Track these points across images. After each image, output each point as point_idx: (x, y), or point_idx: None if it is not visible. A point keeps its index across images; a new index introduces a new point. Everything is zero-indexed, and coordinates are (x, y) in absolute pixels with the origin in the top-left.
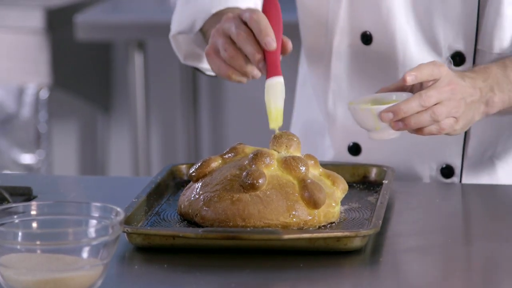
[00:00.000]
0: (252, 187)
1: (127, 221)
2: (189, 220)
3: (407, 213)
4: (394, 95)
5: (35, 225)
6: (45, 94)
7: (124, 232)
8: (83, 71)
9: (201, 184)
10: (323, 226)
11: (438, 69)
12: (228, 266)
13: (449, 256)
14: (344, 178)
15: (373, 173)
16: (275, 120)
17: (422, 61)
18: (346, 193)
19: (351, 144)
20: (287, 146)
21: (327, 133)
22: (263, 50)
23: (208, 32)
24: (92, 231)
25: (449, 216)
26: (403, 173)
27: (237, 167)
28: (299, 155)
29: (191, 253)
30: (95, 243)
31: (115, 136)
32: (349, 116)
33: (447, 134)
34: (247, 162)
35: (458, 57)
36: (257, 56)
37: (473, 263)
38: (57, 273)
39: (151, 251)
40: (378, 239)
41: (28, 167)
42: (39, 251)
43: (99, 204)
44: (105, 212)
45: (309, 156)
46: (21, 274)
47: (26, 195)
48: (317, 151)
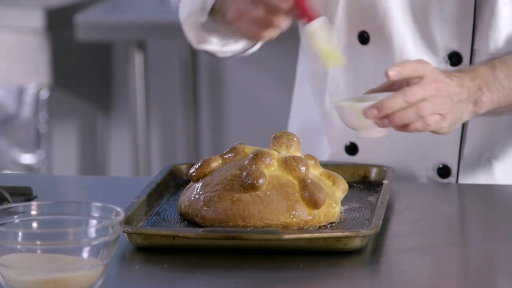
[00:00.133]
0: (252, 187)
1: (127, 221)
2: (189, 220)
3: (407, 213)
4: (380, 96)
5: (35, 225)
6: (45, 94)
7: (124, 232)
8: (83, 71)
9: (201, 184)
10: (323, 226)
11: (422, 66)
12: (228, 266)
13: (450, 256)
14: (344, 178)
15: (373, 173)
16: (333, 59)
17: None
18: (346, 193)
19: (348, 143)
20: (287, 146)
21: (324, 133)
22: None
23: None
24: (92, 231)
25: (449, 216)
26: (400, 172)
27: (237, 167)
28: (299, 155)
29: (191, 253)
30: (95, 243)
31: (115, 136)
32: None
33: (435, 132)
34: (247, 162)
35: (455, 57)
36: (285, 4)
37: (473, 263)
38: (57, 273)
39: (151, 251)
40: (378, 239)
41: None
42: (39, 251)
43: (99, 204)
44: (105, 212)
45: (309, 156)
46: (21, 274)
47: (26, 195)
48: (314, 151)
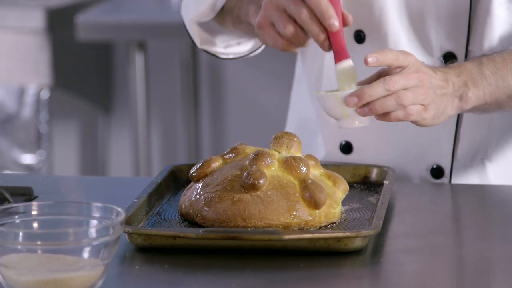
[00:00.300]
0: (253, 187)
1: (128, 222)
2: (190, 220)
3: (408, 213)
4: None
5: (35, 225)
6: (45, 94)
7: (125, 232)
8: (84, 71)
9: (201, 184)
10: (324, 226)
11: (404, 56)
12: (228, 266)
13: (450, 256)
14: (345, 178)
15: (374, 174)
16: None
17: None
18: (347, 193)
19: (343, 142)
20: (288, 146)
21: (319, 132)
22: (326, 29)
23: (234, 9)
24: (93, 232)
25: (449, 216)
26: None
27: (238, 167)
28: (300, 155)
29: (191, 253)
30: (96, 243)
31: (116, 136)
32: None
33: (419, 124)
34: (248, 162)
35: (449, 57)
36: (322, 36)
37: (474, 264)
38: (58, 274)
39: (151, 252)
40: (378, 240)
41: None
42: (39, 251)
43: (99, 204)
44: (105, 212)
45: (310, 156)
46: (22, 274)
47: (27, 195)
48: (310, 150)
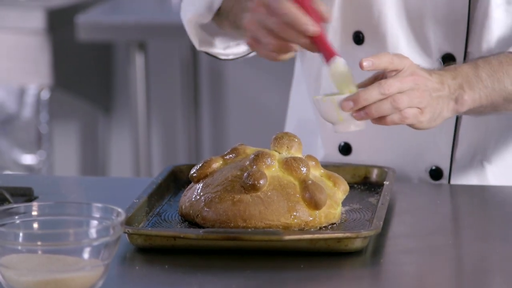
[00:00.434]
0: (253, 188)
1: (128, 222)
2: (190, 221)
3: (408, 214)
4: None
5: (36, 225)
6: (46, 94)
7: (125, 232)
8: (84, 71)
9: (202, 185)
10: (324, 227)
11: (399, 60)
12: (229, 267)
13: (450, 257)
14: (345, 179)
15: (374, 174)
16: None
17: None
18: (347, 194)
19: (342, 143)
20: (288, 147)
21: (319, 133)
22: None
23: (232, 11)
24: (93, 232)
25: (450, 217)
26: None
27: (238, 168)
28: (300, 156)
29: (192, 254)
30: (96, 243)
31: (116, 136)
32: None
33: (415, 127)
34: (248, 163)
35: (448, 58)
36: (302, 40)
37: (474, 264)
38: (58, 274)
39: (152, 252)
40: (379, 240)
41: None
42: (40, 252)
43: (100, 204)
44: (106, 212)
45: (310, 157)
46: (22, 274)
47: (27, 195)
48: (310, 151)
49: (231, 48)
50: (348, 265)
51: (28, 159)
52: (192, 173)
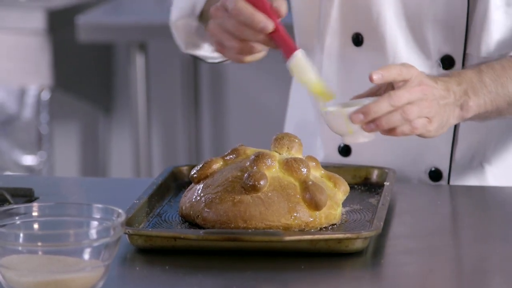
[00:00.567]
0: (253, 188)
1: (129, 223)
2: (190, 221)
3: (408, 215)
4: (367, 100)
5: (36, 226)
6: (46, 95)
7: (125, 233)
8: (85, 72)
9: (202, 185)
10: (324, 227)
11: (407, 70)
12: (229, 267)
13: (450, 257)
14: (345, 179)
15: (375, 175)
16: (322, 94)
17: (412, 63)
18: (347, 194)
19: (341, 145)
20: (288, 147)
21: (318, 134)
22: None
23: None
24: (93, 233)
25: (450, 217)
26: None
27: (238, 168)
28: (300, 156)
29: (192, 254)
30: (96, 244)
31: (117, 137)
32: None
33: (422, 136)
34: (248, 163)
35: (447, 60)
36: (260, 37)
37: (474, 264)
38: (58, 275)
39: (152, 253)
40: (379, 241)
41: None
42: (40, 253)
43: (100, 205)
44: (106, 213)
45: (310, 157)
46: (23, 275)
47: (27, 196)
48: (309, 152)
49: None
50: (348, 265)
51: (28, 159)
52: (192, 173)
